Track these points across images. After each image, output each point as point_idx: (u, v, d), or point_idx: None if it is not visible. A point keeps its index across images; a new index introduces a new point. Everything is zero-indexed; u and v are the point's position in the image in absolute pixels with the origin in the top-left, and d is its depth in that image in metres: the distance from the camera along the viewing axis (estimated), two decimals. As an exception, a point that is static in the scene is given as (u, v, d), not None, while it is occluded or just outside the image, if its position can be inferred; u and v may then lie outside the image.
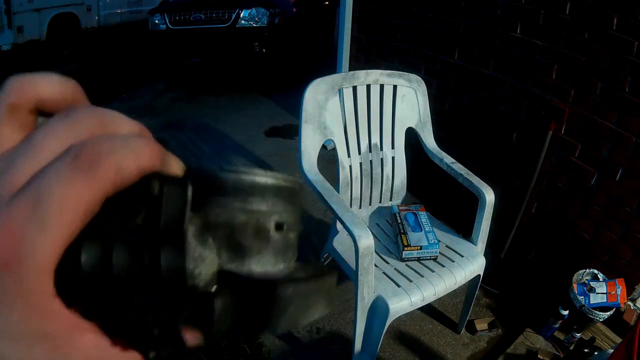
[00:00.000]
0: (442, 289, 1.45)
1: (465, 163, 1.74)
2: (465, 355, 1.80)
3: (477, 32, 2.15)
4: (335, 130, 1.63)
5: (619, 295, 1.71)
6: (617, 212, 1.76)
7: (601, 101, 1.72)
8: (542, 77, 1.91)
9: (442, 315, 1.97)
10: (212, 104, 4.42)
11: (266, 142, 3.57)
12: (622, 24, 1.59)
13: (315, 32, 5.61)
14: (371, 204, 1.86)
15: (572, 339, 1.76)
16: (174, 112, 4.28)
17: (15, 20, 5.12)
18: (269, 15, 4.27)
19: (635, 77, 1.60)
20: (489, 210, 1.58)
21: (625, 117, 1.66)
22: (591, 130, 1.78)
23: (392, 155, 1.82)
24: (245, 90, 4.79)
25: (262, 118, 4.02)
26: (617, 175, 1.73)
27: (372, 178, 1.81)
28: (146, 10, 5.39)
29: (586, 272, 1.84)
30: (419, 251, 1.54)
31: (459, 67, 2.29)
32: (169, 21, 4.39)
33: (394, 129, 1.79)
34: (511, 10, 1.96)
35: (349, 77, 1.65)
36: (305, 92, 1.53)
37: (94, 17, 6.49)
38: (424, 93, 1.81)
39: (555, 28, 1.81)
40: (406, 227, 1.62)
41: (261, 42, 4.29)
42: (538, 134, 1.94)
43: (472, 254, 1.58)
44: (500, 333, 1.90)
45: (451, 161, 1.74)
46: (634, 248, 1.74)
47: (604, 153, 1.76)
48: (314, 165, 1.55)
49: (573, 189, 1.91)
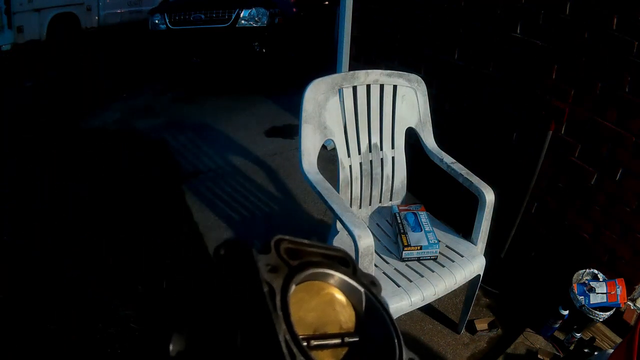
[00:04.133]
0: (442, 289, 1.45)
1: (465, 163, 1.74)
2: (465, 355, 1.80)
3: (477, 32, 2.15)
4: (335, 130, 1.63)
5: (619, 295, 1.71)
6: (617, 212, 1.76)
7: (601, 101, 1.72)
8: (542, 77, 1.91)
9: (442, 315, 1.97)
10: (212, 104, 4.42)
11: (266, 142, 3.57)
12: (622, 24, 1.59)
13: (315, 32, 5.61)
14: (371, 204, 1.86)
15: (572, 339, 1.76)
16: (174, 112, 4.28)
17: (15, 20, 5.12)
18: (269, 15, 4.27)
19: (635, 77, 1.59)
20: (489, 210, 1.58)
21: (625, 117, 1.66)
22: (591, 130, 1.78)
23: (392, 155, 1.82)
24: (246, 90, 4.79)
25: (262, 118, 4.02)
26: (617, 175, 1.72)
27: (372, 178, 1.81)
28: (146, 10, 5.40)
29: (586, 272, 1.84)
30: (419, 251, 1.54)
31: (459, 67, 2.29)
32: (169, 21, 4.39)
33: (394, 129, 1.79)
34: (511, 10, 1.96)
35: (349, 77, 1.65)
36: (305, 92, 1.53)
37: (94, 17, 6.49)
38: (423, 93, 1.81)
39: (555, 28, 1.81)
40: (406, 227, 1.62)
41: (261, 42, 4.29)
42: (538, 134, 1.94)
43: (472, 254, 1.58)
44: (500, 333, 1.90)
45: (451, 161, 1.74)
46: (634, 248, 1.74)
47: (604, 153, 1.76)
48: (314, 165, 1.55)
49: (573, 189, 1.90)
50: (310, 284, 0.30)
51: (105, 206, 2.66)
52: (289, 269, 0.28)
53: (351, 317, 0.31)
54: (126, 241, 2.34)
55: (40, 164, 3.19)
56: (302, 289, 0.29)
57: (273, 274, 0.26)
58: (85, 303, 1.93)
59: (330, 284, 0.31)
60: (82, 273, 2.11)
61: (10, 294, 1.99)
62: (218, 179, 3.01)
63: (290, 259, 0.28)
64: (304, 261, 0.29)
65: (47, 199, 2.73)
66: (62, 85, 5.00)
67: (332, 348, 0.29)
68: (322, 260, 0.31)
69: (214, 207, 2.68)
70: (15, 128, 3.77)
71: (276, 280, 0.26)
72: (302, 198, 2.79)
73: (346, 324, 0.31)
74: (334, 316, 0.30)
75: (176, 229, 2.47)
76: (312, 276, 0.29)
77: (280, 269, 0.27)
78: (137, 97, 4.70)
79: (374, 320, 0.31)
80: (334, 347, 0.29)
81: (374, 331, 0.30)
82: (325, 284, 0.31)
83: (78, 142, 3.57)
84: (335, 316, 0.30)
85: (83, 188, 2.86)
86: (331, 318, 0.30)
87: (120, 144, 3.54)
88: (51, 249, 2.28)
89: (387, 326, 0.30)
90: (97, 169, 3.12)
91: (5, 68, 5.07)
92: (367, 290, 0.31)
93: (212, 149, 3.44)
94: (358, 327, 0.31)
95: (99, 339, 1.77)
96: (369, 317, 0.31)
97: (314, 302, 0.30)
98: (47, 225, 2.48)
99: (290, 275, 0.27)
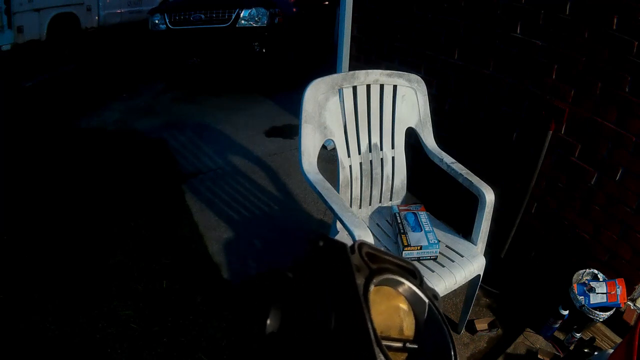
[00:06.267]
0: (442, 289, 1.45)
1: (465, 163, 1.74)
2: (465, 355, 1.80)
3: (477, 32, 2.15)
4: (335, 130, 1.63)
5: (619, 295, 1.71)
6: (617, 212, 1.76)
7: (601, 101, 1.72)
8: (542, 77, 1.91)
9: (442, 315, 1.97)
10: (212, 104, 4.42)
11: (266, 142, 3.58)
12: (622, 24, 1.59)
13: (315, 32, 5.61)
14: (371, 204, 1.86)
15: (572, 339, 1.76)
16: (174, 112, 4.28)
17: (15, 20, 5.12)
18: (269, 15, 4.28)
19: (635, 77, 1.59)
20: (489, 210, 1.58)
21: (625, 117, 1.66)
22: (591, 130, 1.78)
23: (392, 155, 1.82)
24: (245, 90, 4.79)
25: (262, 118, 4.02)
26: (617, 175, 1.72)
27: (372, 178, 1.81)
28: (146, 10, 5.39)
29: (586, 272, 1.84)
30: (419, 251, 1.54)
31: (459, 67, 2.29)
32: (169, 21, 4.39)
33: (394, 129, 1.79)
34: (511, 10, 1.96)
35: (349, 77, 1.65)
36: (305, 92, 1.53)
37: (94, 17, 6.49)
38: (424, 93, 1.81)
39: (555, 28, 1.81)
40: (406, 227, 1.62)
41: (261, 42, 4.29)
42: (538, 134, 1.94)
43: (472, 254, 1.58)
44: (500, 333, 1.90)
45: (451, 161, 1.74)
46: (634, 248, 1.74)
47: (604, 153, 1.76)
48: (314, 165, 1.55)
49: (573, 189, 1.90)
50: (383, 288, 0.32)
51: (105, 206, 2.66)
52: (369, 271, 0.30)
53: (412, 325, 0.34)
54: (126, 241, 2.34)
55: (40, 164, 3.19)
56: (375, 292, 0.31)
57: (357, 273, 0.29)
58: (85, 303, 1.93)
59: (399, 292, 0.34)
60: (82, 273, 2.11)
61: (10, 294, 1.99)
62: (218, 179, 3.01)
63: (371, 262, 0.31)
64: (382, 266, 0.32)
65: (46, 199, 2.73)
66: (63, 85, 5.01)
67: (394, 351, 0.32)
68: (396, 268, 0.33)
69: (214, 207, 2.68)
70: (14, 128, 3.77)
71: (359, 278, 0.29)
72: (302, 198, 2.79)
73: (407, 330, 0.33)
74: (398, 322, 0.33)
75: (176, 229, 2.47)
76: (387, 281, 0.32)
77: (362, 270, 0.30)
78: (137, 97, 4.70)
79: (433, 331, 0.33)
80: (396, 350, 0.32)
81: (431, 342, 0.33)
82: (395, 291, 0.33)
83: (78, 142, 3.57)
84: (399, 322, 0.33)
85: (83, 188, 2.86)
86: (395, 323, 0.33)
87: (120, 144, 3.54)
88: (50, 248, 2.28)
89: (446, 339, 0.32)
90: (97, 169, 3.12)
91: (6, 68, 5.07)
92: (431, 302, 0.34)
93: (212, 149, 3.45)
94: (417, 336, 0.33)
95: (99, 338, 1.77)
96: (428, 328, 0.33)
97: (384, 305, 0.32)
98: (47, 225, 2.48)
99: (371, 276, 0.30)
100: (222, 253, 2.29)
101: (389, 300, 0.33)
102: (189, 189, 2.88)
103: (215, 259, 2.24)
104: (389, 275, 0.32)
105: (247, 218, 2.60)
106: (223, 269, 2.18)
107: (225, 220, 2.56)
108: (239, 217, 2.60)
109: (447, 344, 0.32)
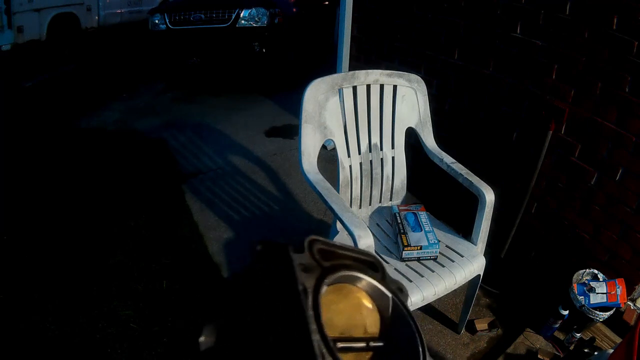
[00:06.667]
0: (442, 288, 1.45)
1: (465, 163, 1.74)
2: (465, 355, 1.80)
3: (477, 32, 2.15)
4: (335, 130, 1.63)
5: (619, 295, 1.71)
6: (617, 212, 1.76)
7: (601, 101, 1.72)
8: (542, 77, 1.91)
9: (442, 315, 1.97)
10: (212, 104, 4.42)
11: (266, 142, 3.57)
12: (622, 24, 1.59)
13: (315, 32, 5.61)
14: (371, 204, 1.86)
15: (572, 339, 1.76)
16: (174, 112, 4.28)
17: (15, 20, 5.12)
18: (269, 15, 4.28)
19: (635, 77, 1.59)
20: (489, 210, 1.58)
21: (625, 117, 1.66)
22: (591, 130, 1.78)
23: (392, 155, 1.82)
24: (245, 90, 4.79)
25: (262, 118, 4.02)
26: (617, 175, 1.72)
27: (372, 178, 1.81)
28: (146, 10, 5.39)
29: (586, 272, 1.84)
30: (418, 251, 1.54)
31: (459, 67, 2.29)
32: (169, 21, 4.39)
33: (394, 129, 1.79)
34: (511, 10, 1.96)
35: (349, 77, 1.65)
36: (305, 92, 1.53)
37: (94, 17, 6.49)
38: (424, 93, 1.81)
39: (555, 28, 1.81)
40: (406, 227, 1.62)
41: (261, 42, 4.29)
42: (538, 134, 1.94)
43: (472, 254, 1.58)
44: (500, 333, 1.90)
45: (451, 161, 1.74)
46: (634, 248, 1.74)
47: (604, 153, 1.76)
48: (314, 165, 1.55)
49: (573, 189, 1.90)
50: (340, 286, 0.30)
51: (105, 206, 2.66)
52: (321, 270, 0.28)
53: (376, 322, 0.32)
54: (126, 241, 2.34)
55: (40, 164, 3.19)
56: (332, 291, 0.29)
57: (306, 274, 0.27)
58: (85, 303, 1.93)
59: (359, 288, 0.31)
60: (82, 273, 2.11)
61: (10, 294, 1.99)
62: (218, 179, 3.01)
63: (323, 260, 0.29)
64: (336, 263, 0.29)
65: (46, 199, 2.73)
66: (63, 85, 5.01)
67: (356, 352, 0.30)
68: (353, 263, 0.31)
69: (214, 207, 2.68)
70: (14, 128, 3.77)
71: (308, 280, 0.26)
72: (302, 198, 2.79)
73: (371, 328, 0.31)
74: (360, 320, 0.31)
75: (176, 229, 2.47)
76: (343, 278, 0.30)
77: (313, 269, 0.27)
78: (137, 97, 4.70)
79: (399, 326, 0.31)
80: (359, 350, 0.30)
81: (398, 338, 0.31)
82: (355, 288, 0.31)
83: (78, 142, 3.57)
84: (362, 320, 0.31)
85: (83, 188, 2.86)
86: (357, 321, 0.31)
87: (120, 144, 3.54)
88: (50, 248, 2.28)
89: (412, 334, 0.30)
90: (97, 169, 3.12)
91: (6, 68, 5.07)
92: (394, 296, 0.32)
93: (212, 149, 3.44)
94: (383, 333, 0.31)
95: (99, 339, 1.77)
96: (394, 324, 0.31)
97: (342, 304, 0.30)
98: (47, 225, 2.48)
99: (323, 276, 0.28)
100: (222, 253, 2.29)
101: (348, 299, 0.31)
102: (189, 189, 2.88)
103: (215, 259, 2.24)
104: (344, 272, 0.29)
105: (247, 218, 2.60)
106: (223, 269, 2.18)
107: (225, 220, 2.56)
108: (239, 217, 2.60)
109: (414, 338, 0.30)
